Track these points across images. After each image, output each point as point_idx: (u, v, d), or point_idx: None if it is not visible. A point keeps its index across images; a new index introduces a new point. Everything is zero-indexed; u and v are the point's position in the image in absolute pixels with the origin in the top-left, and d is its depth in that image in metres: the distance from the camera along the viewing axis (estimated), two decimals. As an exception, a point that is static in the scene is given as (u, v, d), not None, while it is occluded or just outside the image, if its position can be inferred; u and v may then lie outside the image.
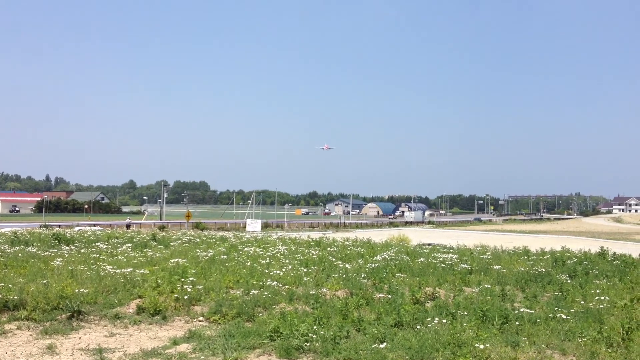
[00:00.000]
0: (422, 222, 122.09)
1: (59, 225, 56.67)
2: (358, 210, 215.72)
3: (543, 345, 9.48)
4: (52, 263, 17.67)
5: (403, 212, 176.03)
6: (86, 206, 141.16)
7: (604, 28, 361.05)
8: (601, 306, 12.38)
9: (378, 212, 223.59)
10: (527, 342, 9.50)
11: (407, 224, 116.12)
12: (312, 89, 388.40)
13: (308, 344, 9.28)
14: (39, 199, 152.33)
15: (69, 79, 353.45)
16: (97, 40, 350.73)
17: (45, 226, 48.99)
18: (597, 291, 14.47)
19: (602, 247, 26.66)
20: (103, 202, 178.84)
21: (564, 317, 11.33)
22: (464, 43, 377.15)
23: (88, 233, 36.03)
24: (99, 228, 52.23)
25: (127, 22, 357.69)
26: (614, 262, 22.10)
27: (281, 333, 9.73)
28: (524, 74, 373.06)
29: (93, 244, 25.92)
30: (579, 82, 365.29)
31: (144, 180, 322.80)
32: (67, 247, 24.11)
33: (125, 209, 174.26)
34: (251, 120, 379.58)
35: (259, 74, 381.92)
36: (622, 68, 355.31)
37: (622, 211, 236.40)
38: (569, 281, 16.64)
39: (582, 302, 13.07)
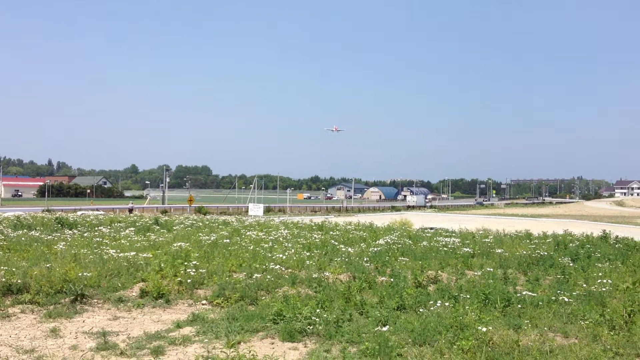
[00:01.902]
0: (424, 206, 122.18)
1: (62, 210, 56.79)
2: (360, 195, 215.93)
3: (545, 328, 9.51)
4: (55, 247, 17.71)
5: (405, 196, 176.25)
6: (88, 190, 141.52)
7: (605, 16, 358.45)
8: (603, 289, 12.38)
9: (380, 196, 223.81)
10: (529, 325, 9.52)
11: (409, 208, 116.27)
12: (314, 74, 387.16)
13: (311, 327, 9.31)
14: (42, 183, 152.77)
15: (70, 66, 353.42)
16: (96, 28, 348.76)
17: (48, 210, 49.08)
18: (600, 274, 14.48)
19: (604, 231, 26.66)
20: (105, 186, 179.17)
21: (566, 300, 11.33)
22: (469, 31, 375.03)
23: (91, 217, 36.06)
24: (102, 212, 52.29)
25: (130, 11, 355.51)
26: (617, 246, 22.08)
27: (284, 316, 9.76)
28: (525, 62, 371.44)
29: (96, 228, 25.98)
30: (581, 68, 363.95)
31: (146, 164, 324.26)
32: (70, 231, 24.16)
33: (127, 193, 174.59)
34: (253, 105, 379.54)
35: (260, 59, 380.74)
36: (623, 55, 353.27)
37: (625, 195, 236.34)
38: (571, 264, 16.63)
39: (585, 285, 13.07)
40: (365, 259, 16.80)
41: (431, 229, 33.48)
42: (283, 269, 14.71)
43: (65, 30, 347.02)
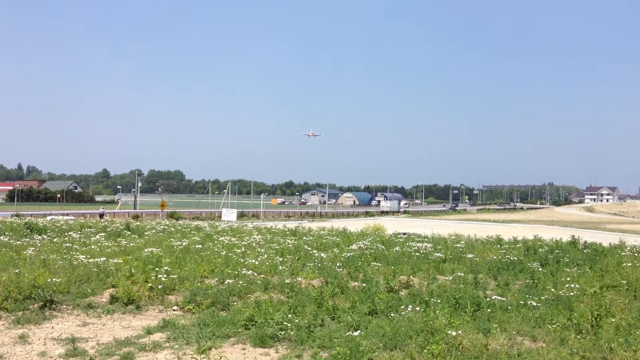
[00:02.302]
0: (398, 212, 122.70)
1: (31, 215, 55.99)
2: (334, 200, 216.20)
3: (514, 332, 9.64)
4: (24, 252, 17.44)
5: (379, 201, 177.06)
6: (59, 195, 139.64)
7: (572, 21, 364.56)
8: (571, 294, 12.59)
9: (354, 201, 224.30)
10: (498, 329, 9.63)
11: (383, 213, 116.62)
12: (288, 79, 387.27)
13: (283, 332, 9.31)
14: (11, 187, 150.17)
15: (39, 69, 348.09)
16: (71, 32, 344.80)
17: (17, 215, 48.45)
18: (568, 279, 14.71)
19: (573, 236, 27.07)
20: (76, 191, 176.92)
21: (534, 304, 11.51)
22: (442, 33, 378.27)
23: (61, 222, 35.61)
24: (72, 217, 51.69)
25: (103, 15, 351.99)
26: (585, 251, 22.45)
27: (256, 322, 9.75)
28: (495, 66, 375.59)
29: (66, 233, 25.62)
30: (552, 74, 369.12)
31: (117, 169, 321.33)
32: (39, 237, 23.80)
33: (98, 198, 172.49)
34: (227, 110, 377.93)
35: (234, 64, 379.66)
36: (593, 60, 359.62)
37: (594, 201, 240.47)
38: (540, 269, 16.90)
39: (553, 290, 13.28)
40: (338, 264, 16.84)
41: (404, 234, 33.66)
42: (255, 274, 14.67)
43: (33, 33, 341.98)
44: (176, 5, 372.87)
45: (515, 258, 19.22)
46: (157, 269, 13.79)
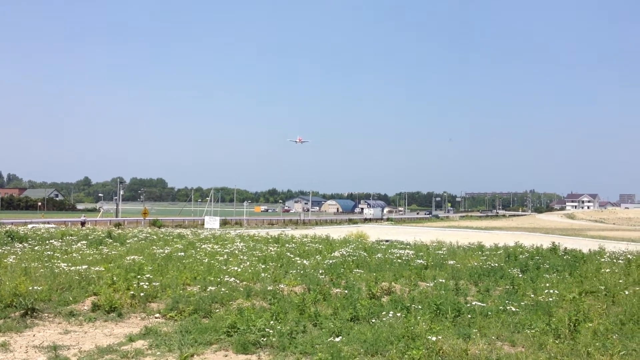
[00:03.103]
0: (381, 219, 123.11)
1: (12, 223, 55.41)
2: (317, 208, 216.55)
3: (493, 337, 9.76)
4: (5, 260, 17.31)
5: (362, 209, 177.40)
6: (40, 203, 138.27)
7: (556, 30, 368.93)
8: (550, 299, 12.77)
9: (337, 209, 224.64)
10: (478, 334, 9.74)
11: (366, 220, 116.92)
12: (271, 86, 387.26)
13: (265, 339, 9.36)
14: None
15: (20, 74, 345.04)
16: (51, 37, 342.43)
17: (-2, 224, 47.83)
18: (547, 285, 14.89)
19: (553, 243, 27.34)
20: (57, 199, 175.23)
21: (514, 310, 11.67)
22: (426, 42, 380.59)
23: (42, 230, 35.33)
24: (53, 225, 51.27)
25: (81, 24, 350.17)
26: (565, 257, 22.68)
27: (238, 328, 9.78)
28: (478, 74, 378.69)
29: (47, 242, 25.45)
30: (533, 81, 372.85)
31: (99, 177, 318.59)
32: (20, 245, 23.62)
33: (80, 206, 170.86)
34: (210, 117, 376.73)
35: (217, 70, 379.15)
36: (576, 68, 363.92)
37: (575, 208, 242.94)
38: (520, 275, 17.07)
39: (533, 296, 13.46)
40: (320, 271, 16.90)
41: (386, 241, 33.81)
42: (238, 281, 14.70)
43: (12, 38, 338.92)
44: (157, 11, 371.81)
45: (496, 264, 19.40)
46: (139, 276, 13.76)
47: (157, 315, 11.71)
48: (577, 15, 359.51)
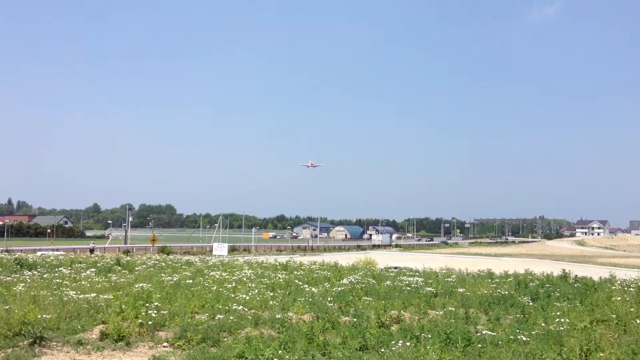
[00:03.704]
0: (390, 245, 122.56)
1: (21, 250, 55.51)
2: (326, 234, 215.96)
3: (504, 367, 9.66)
4: (15, 288, 17.35)
5: (370, 235, 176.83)
6: (49, 230, 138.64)
7: (567, 56, 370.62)
8: (561, 328, 12.64)
9: (346, 235, 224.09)
10: (489, 364, 9.65)
11: (375, 247, 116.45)
12: (280, 114, 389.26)
13: (273, 369, 9.29)
14: (1, 223, 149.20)
15: (30, 101, 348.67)
16: (57, 60, 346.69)
17: (7, 251, 47.86)
18: (558, 313, 14.77)
19: (564, 270, 27.15)
20: (66, 226, 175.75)
21: (525, 339, 11.55)
22: (439, 64, 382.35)
23: (51, 258, 35.37)
24: (62, 253, 51.31)
25: (90, 41, 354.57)
26: (575, 285, 22.52)
27: (246, 358, 9.72)
28: (489, 100, 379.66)
29: (56, 269, 25.49)
30: (544, 107, 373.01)
31: (108, 203, 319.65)
32: (29, 272, 23.67)
33: (89, 233, 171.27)
34: (218, 143, 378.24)
35: (225, 98, 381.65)
36: (585, 96, 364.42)
37: (585, 234, 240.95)
38: (531, 304, 16.93)
39: (543, 325, 13.33)
40: (329, 299, 16.84)
41: (395, 268, 33.65)
42: (246, 309, 14.66)
43: (18, 62, 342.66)
44: (170, 33, 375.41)
45: (506, 292, 19.27)
46: (147, 304, 13.76)
47: (165, 344, 11.67)
48: (591, 40, 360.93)
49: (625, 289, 20.96)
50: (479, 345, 10.98)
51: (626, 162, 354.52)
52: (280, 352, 9.97)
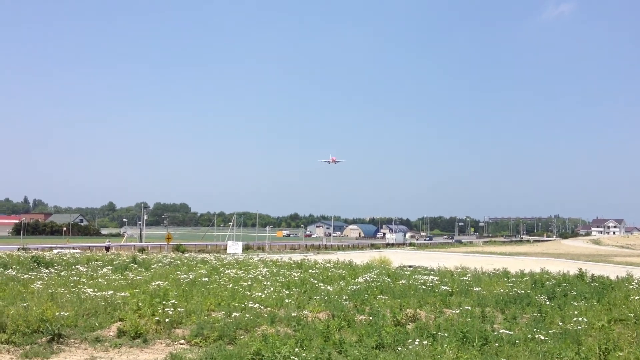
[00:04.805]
0: (403, 244, 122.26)
1: (38, 248, 56.05)
2: (339, 232, 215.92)
3: (522, 366, 9.61)
4: (32, 286, 17.52)
5: (384, 234, 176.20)
6: (65, 228, 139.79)
7: (580, 53, 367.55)
8: (579, 327, 12.56)
9: (359, 233, 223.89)
10: (506, 363, 9.61)
11: (388, 245, 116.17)
12: (292, 111, 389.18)
13: (290, 367, 9.31)
14: (17, 221, 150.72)
15: (44, 103, 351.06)
16: (67, 61, 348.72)
17: (24, 249, 48.42)
18: (575, 312, 14.67)
19: (580, 269, 26.95)
20: (82, 224, 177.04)
21: (542, 338, 11.48)
22: (448, 66, 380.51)
23: (67, 256, 35.65)
24: (78, 250, 51.72)
25: (104, 45, 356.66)
26: (592, 284, 22.36)
27: (263, 355, 9.75)
28: (501, 99, 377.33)
29: (73, 267, 25.69)
30: (558, 108, 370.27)
31: (123, 202, 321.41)
32: (46, 270, 23.87)
33: (104, 231, 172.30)
34: (232, 142, 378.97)
35: (237, 96, 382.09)
36: (598, 94, 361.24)
37: (601, 233, 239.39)
38: (547, 303, 16.84)
39: (561, 324, 13.25)
40: (344, 297, 16.84)
41: (410, 266, 33.57)
42: (262, 307, 14.70)
43: (35, 65, 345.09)
44: (183, 36, 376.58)
45: (523, 291, 19.17)
46: (164, 302, 13.83)
47: (182, 341, 11.74)
48: (602, 41, 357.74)
49: (643, 288, 20.77)
50: (496, 344, 10.94)
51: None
52: (296, 350, 9.99)
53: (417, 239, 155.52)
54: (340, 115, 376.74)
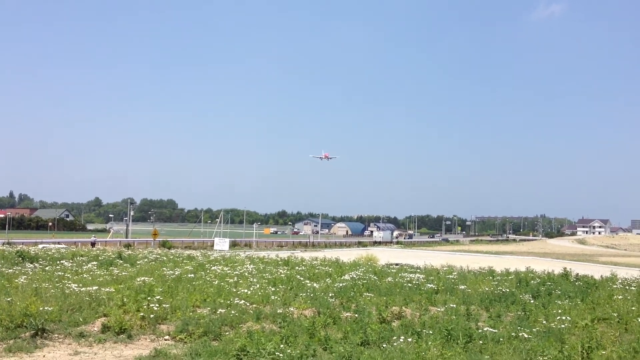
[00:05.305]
0: (391, 242, 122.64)
1: (23, 243, 55.58)
2: (327, 230, 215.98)
3: (505, 364, 9.66)
4: (16, 281, 17.38)
5: (372, 232, 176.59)
6: (50, 223, 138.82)
7: (569, 56, 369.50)
8: (563, 326, 12.66)
9: (347, 231, 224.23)
10: (490, 361, 9.66)
11: (376, 243, 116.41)
12: (281, 107, 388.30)
13: (274, 363, 9.30)
14: (2, 215, 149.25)
15: (32, 97, 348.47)
16: (61, 59, 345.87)
17: (9, 243, 47.94)
18: (559, 311, 14.78)
19: (565, 268, 27.15)
20: (68, 219, 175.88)
21: (526, 336, 11.57)
22: (440, 65, 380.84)
23: (52, 251, 35.44)
24: (64, 246, 51.42)
25: (89, 44, 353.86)
26: (577, 283, 22.54)
27: (248, 352, 9.75)
28: (489, 99, 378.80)
29: (58, 262, 25.51)
30: (544, 107, 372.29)
31: (110, 197, 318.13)
32: (31, 265, 23.72)
33: (90, 226, 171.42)
34: (220, 139, 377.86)
35: (225, 92, 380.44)
36: (585, 94, 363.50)
37: (586, 233, 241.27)
38: (532, 301, 16.96)
39: (545, 322, 13.35)
40: (330, 295, 16.86)
41: (396, 264, 33.67)
42: (248, 304, 14.68)
43: (24, 60, 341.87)
44: (175, 32, 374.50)
45: (508, 290, 19.29)
46: (149, 298, 13.79)
47: (167, 337, 11.70)
48: (593, 44, 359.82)
49: (627, 287, 21.00)
50: (480, 342, 11.00)
51: (628, 162, 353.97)
52: (281, 346, 9.99)
53: (404, 238, 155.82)
54: (340, 115, 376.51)
